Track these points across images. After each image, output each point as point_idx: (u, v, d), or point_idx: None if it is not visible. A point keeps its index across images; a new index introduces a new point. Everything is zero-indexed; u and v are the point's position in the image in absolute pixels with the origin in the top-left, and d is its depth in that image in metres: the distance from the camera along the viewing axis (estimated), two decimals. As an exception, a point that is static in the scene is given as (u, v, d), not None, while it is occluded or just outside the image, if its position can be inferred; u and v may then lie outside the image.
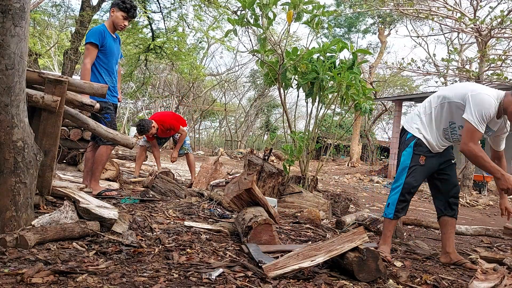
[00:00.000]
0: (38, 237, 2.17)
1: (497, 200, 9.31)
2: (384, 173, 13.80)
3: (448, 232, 2.83)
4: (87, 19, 11.27)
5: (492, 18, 8.80)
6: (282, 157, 14.71)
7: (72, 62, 11.31)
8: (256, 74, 26.93)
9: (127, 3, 3.89)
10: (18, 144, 2.24)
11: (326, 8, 4.45)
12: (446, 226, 2.84)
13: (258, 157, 4.77)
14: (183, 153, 6.17)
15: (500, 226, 4.75)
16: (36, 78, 2.72)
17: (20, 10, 2.15)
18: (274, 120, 31.99)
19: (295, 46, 4.71)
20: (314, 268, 2.24)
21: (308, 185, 4.72)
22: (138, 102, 30.04)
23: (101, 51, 3.85)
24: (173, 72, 21.05)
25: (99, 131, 3.21)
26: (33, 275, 1.73)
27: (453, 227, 2.86)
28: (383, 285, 2.12)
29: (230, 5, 12.50)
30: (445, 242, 2.83)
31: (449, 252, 2.80)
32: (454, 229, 2.91)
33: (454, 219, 2.84)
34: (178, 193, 4.18)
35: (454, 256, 2.78)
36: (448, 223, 2.84)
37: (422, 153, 2.73)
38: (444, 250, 2.83)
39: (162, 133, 5.91)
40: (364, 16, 20.99)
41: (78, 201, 2.67)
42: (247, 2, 4.28)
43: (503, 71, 9.71)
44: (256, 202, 2.99)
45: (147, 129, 5.59)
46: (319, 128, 5.15)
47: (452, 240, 2.84)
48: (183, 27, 14.03)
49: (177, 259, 2.20)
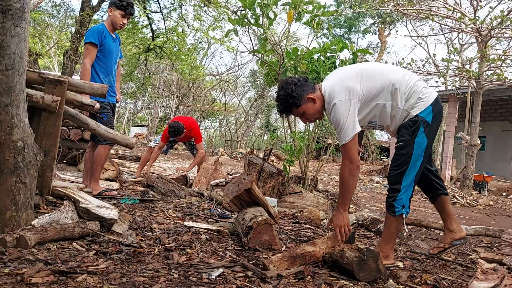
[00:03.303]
0: (38, 237, 2.17)
1: (497, 200, 9.32)
2: (384, 173, 13.79)
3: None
4: (87, 19, 11.27)
5: (492, 18, 8.80)
6: (282, 157, 14.71)
7: (72, 62, 11.32)
8: (256, 74, 26.94)
9: (123, 1, 3.89)
10: (18, 144, 2.24)
11: (326, 8, 4.45)
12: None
13: (258, 157, 4.77)
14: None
15: (500, 226, 4.75)
16: (36, 78, 2.73)
17: (20, 10, 2.15)
18: (274, 120, 31.98)
19: (295, 46, 4.71)
20: (314, 268, 2.24)
21: (308, 185, 4.72)
22: (138, 102, 30.06)
23: (100, 51, 3.84)
24: (173, 72, 21.05)
25: (99, 131, 3.21)
26: (33, 275, 1.73)
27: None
28: (383, 285, 2.13)
29: (230, 5, 12.51)
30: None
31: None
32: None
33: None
34: (178, 193, 4.18)
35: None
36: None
37: None
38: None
39: (183, 138, 5.92)
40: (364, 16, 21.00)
41: (78, 201, 2.67)
42: (248, 2, 4.28)
43: (503, 71, 9.72)
44: (256, 202, 2.99)
45: (181, 133, 5.61)
46: (319, 128, 5.16)
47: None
48: (183, 27, 14.04)
49: (177, 259, 2.20)
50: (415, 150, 2.43)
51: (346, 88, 2.37)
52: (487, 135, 14.28)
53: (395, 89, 2.42)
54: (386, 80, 2.43)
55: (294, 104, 2.47)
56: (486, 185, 10.55)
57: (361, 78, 2.42)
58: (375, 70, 2.51)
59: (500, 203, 8.92)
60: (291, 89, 2.46)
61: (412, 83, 2.45)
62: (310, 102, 2.48)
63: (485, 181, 10.59)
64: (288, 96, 2.46)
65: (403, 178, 2.47)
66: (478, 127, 9.75)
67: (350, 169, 2.40)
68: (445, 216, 2.76)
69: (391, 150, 14.02)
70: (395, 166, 2.50)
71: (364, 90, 2.41)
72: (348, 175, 2.41)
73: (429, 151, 2.53)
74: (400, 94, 2.42)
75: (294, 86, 2.46)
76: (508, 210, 7.81)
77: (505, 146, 13.73)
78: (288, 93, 2.46)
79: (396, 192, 2.48)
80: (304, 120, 2.61)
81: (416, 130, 2.43)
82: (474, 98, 10.00)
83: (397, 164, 2.49)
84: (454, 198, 8.31)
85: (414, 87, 2.45)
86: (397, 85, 2.42)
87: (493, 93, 12.57)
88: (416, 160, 2.45)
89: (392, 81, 2.43)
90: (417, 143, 2.44)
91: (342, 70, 2.60)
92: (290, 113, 2.55)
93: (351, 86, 2.38)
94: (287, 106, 2.49)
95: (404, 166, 2.46)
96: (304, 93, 2.46)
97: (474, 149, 9.77)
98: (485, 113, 13.57)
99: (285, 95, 2.48)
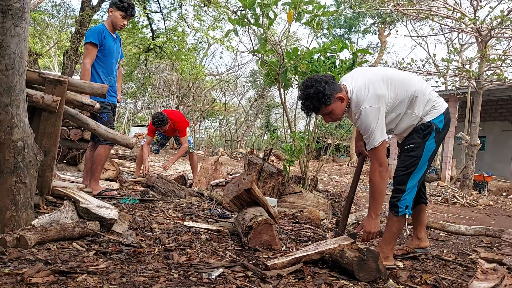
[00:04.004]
0: (38, 237, 2.17)
1: (497, 200, 9.32)
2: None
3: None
4: (87, 19, 11.26)
5: (492, 18, 8.80)
6: (282, 157, 14.71)
7: (72, 62, 11.31)
8: (256, 74, 26.93)
9: (124, 1, 3.89)
10: (18, 144, 2.24)
11: (326, 8, 4.45)
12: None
13: (258, 157, 4.77)
14: (187, 153, 6.15)
15: (500, 226, 4.75)
16: (36, 78, 2.72)
17: (20, 10, 2.15)
18: (274, 120, 31.98)
19: (295, 46, 4.71)
20: (314, 268, 2.24)
21: (308, 185, 4.72)
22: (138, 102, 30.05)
23: (100, 51, 3.84)
24: (173, 72, 21.04)
25: (99, 131, 3.21)
26: (33, 275, 1.73)
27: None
28: (383, 285, 2.13)
29: (230, 5, 12.50)
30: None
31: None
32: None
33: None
34: (178, 193, 4.18)
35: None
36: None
37: None
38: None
39: (169, 131, 5.90)
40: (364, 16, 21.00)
41: (78, 201, 2.67)
42: (248, 2, 4.28)
43: (503, 71, 9.72)
44: (256, 202, 2.99)
45: (165, 123, 5.58)
46: (319, 128, 5.15)
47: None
48: (183, 27, 14.03)
49: (177, 259, 2.20)
50: (424, 153, 2.50)
51: (376, 95, 2.39)
52: (487, 135, 14.28)
53: (415, 97, 2.49)
54: (410, 91, 2.49)
55: (325, 102, 2.44)
56: (486, 185, 10.55)
57: (389, 86, 2.45)
58: (399, 79, 2.53)
59: (500, 203, 8.92)
60: (323, 87, 2.43)
61: (428, 92, 2.54)
62: (338, 101, 2.48)
63: (485, 181, 10.59)
64: (320, 94, 2.43)
65: (409, 180, 2.52)
66: (478, 127, 9.75)
67: (380, 171, 2.44)
68: (417, 223, 2.88)
69: (391, 150, 14.01)
70: (402, 167, 2.55)
71: (392, 99, 2.45)
72: (379, 178, 2.44)
73: (433, 158, 2.59)
74: (418, 102, 2.50)
75: (326, 84, 2.44)
76: (508, 210, 7.81)
77: (505, 146, 13.72)
78: (320, 91, 2.43)
79: (401, 193, 2.53)
80: (328, 119, 2.60)
81: (427, 135, 2.51)
82: (474, 98, 10.00)
83: (405, 165, 2.54)
84: (454, 198, 8.31)
85: (429, 95, 2.54)
86: (418, 94, 2.49)
87: (493, 93, 12.56)
88: (424, 163, 2.52)
89: (414, 91, 2.49)
90: (427, 147, 2.51)
91: (366, 73, 2.59)
92: (318, 111, 2.52)
93: (381, 93, 2.41)
94: (318, 104, 2.45)
95: (412, 167, 2.52)
96: (334, 92, 2.45)
97: (474, 149, 9.77)
98: (485, 113, 13.57)
99: (317, 93, 2.43)
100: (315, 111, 2.51)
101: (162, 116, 5.58)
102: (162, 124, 5.58)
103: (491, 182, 11.18)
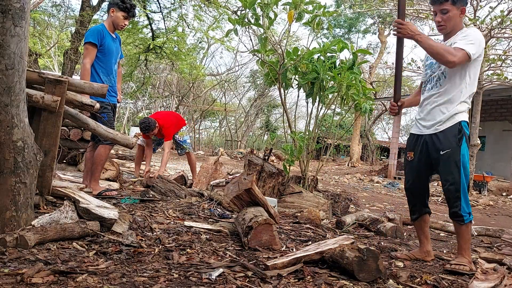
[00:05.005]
0: (38, 237, 2.17)
1: (497, 200, 9.32)
2: (384, 173, 13.80)
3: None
4: (87, 19, 11.25)
5: (492, 18, 8.80)
6: (282, 157, 14.71)
7: (72, 62, 11.30)
8: (256, 74, 26.91)
9: (126, 2, 3.89)
10: (18, 144, 2.24)
11: (326, 8, 4.45)
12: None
13: (258, 157, 4.77)
14: (184, 152, 6.16)
15: (500, 226, 4.75)
16: (36, 78, 2.73)
17: (20, 10, 2.15)
18: (274, 120, 31.97)
19: (295, 46, 4.71)
20: (314, 268, 2.24)
21: (308, 185, 4.72)
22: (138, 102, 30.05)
23: (99, 51, 3.84)
24: (173, 72, 21.04)
25: (99, 131, 3.21)
26: (33, 275, 1.73)
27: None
28: (383, 285, 2.12)
29: (230, 5, 12.49)
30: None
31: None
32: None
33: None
34: (178, 193, 4.17)
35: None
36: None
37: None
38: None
39: (158, 135, 5.93)
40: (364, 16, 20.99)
41: (78, 201, 2.67)
42: (248, 2, 4.28)
43: (503, 71, 9.72)
44: (256, 202, 2.99)
45: (152, 128, 5.60)
46: (319, 128, 5.15)
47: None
48: (183, 27, 14.02)
49: (177, 259, 2.20)
50: (461, 157, 2.58)
51: (481, 44, 2.58)
52: (487, 135, 14.27)
53: (473, 90, 2.64)
54: (476, 81, 2.68)
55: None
56: (486, 185, 10.55)
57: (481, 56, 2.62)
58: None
59: (500, 203, 8.92)
60: None
61: (470, 100, 2.69)
62: (459, 11, 2.61)
63: (485, 181, 10.59)
64: None
65: (460, 186, 2.58)
66: (478, 127, 9.75)
67: (452, 55, 2.47)
68: (423, 237, 2.89)
69: (391, 150, 14.02)
70: (448, 176, 2.60)
71: (477, 65, 2.61)
72: (448, 53, 2.48)
73: (468, 160, 2.66)
74: (469, 93, 2.64)
75: None
76: (508, 210, 7.81)
77: (505, 146, 13.72)
78: None
79: (458, 200, 2.58)
80: (439, 18, 2.64)
81: (460, 140, 2.59)
82: (474, 98, 9.99)
83: (450, 172, 2.58)
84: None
85: (470, 102, 2.69)
86: (474, 89, 2.66)
87: (493, 93, 12.56)
88: (464, 167, 2.58)
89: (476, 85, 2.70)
90: (462, 151, 2.59)
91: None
92: (446, 1, 2.58)
93: (483, 44, 2.61)
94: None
95: (456, 174, 2.57)
96: (464, 2, 2.62)
97: (474, 149, 9.77)
98: (485, 113, 13.56)
99: None
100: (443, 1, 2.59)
101: (148, 122, 5.61)
102: (148, 130, 5.61)
103: (491, 182, 11.18)
